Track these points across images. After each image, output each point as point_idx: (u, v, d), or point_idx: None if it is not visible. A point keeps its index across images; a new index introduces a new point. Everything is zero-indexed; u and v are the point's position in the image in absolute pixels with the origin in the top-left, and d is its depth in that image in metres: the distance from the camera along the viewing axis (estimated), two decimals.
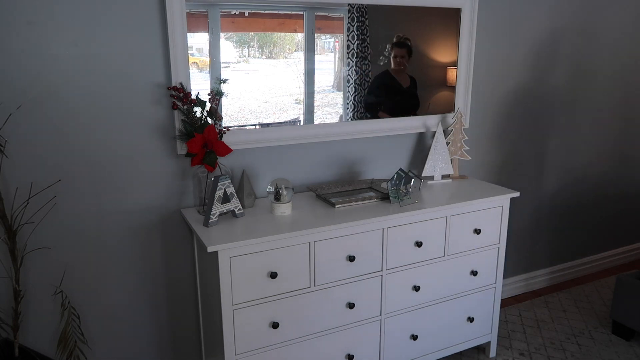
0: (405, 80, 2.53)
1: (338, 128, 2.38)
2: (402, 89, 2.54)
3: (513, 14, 2.74)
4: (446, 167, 2.54)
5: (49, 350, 1.98)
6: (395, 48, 2.46)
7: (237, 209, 2.01)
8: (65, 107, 1.86)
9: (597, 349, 2.69)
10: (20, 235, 1.82)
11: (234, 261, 1.82)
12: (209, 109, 2.01)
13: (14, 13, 1.72)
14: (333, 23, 2.31)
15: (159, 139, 2.03)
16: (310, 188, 2.33)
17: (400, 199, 2.17)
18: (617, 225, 3.61)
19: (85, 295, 2.04)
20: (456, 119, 2.57)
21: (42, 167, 1.87)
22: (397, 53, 2.47)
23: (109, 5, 1.84)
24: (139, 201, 2.06)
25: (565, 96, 3.09)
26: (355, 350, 2.19)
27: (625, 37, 3.22)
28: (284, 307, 1.96)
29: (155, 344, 2.25)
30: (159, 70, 1.97)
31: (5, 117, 1.74)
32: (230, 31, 2.11)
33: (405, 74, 2.51)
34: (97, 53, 1.86)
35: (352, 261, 2.05)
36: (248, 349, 1.93)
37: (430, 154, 2.51)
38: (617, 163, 3.47)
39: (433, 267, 2.27)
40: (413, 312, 2.29)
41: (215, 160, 1.95)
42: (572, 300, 3.17)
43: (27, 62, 1.77)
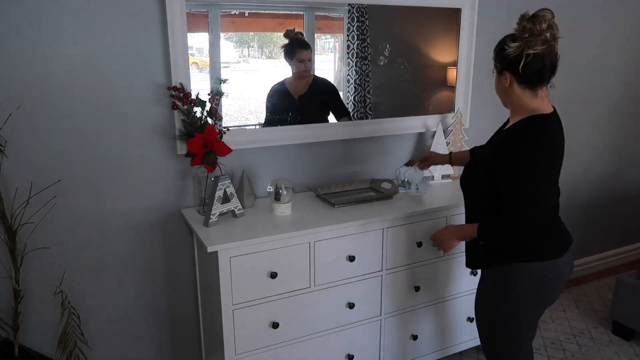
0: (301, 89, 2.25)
1: (338, 128, 2.38)
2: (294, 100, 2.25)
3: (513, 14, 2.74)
4: (446, 167, 2.53)
5: (49, 350, 1.98)
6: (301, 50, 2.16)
7: (237, 209, 2.01)
8: (65, 107, 1.86)
9: (597, 349, 2.69)
10: (20, 235, 1.82)
11: (234, 261, 1.82)
12: (209, 109, 2.01)
13: (14, 13, 1.72)
14: (333, 23, 2.31)
15: (159, 139, 2.03)
16: (310, 188, 2.33)
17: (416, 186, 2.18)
18: (617, 225, 3.60)
19: (85, 295, 2.04)
20: (456, 119, 2.57)
21: (42, 167, 1.87)
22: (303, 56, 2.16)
23: (109, 5, 1.84)
24: (139, 201, 2.06)
25: (565, 96, 3.09)
26: (355, 350, 2.19)
27: (625, 37, 3.21)
28: (284, 307, 1.96)
29: (155, 344, 2.25)
30: (159, 70, 1.97)
31: (5, 117, 1.74)
32: (230, 31, 2.11)
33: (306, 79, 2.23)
34: (97, 53, 1.86)
35: (352, 261, 2.05)
36: (248, 349, 1.93)
37: None
38: (617, 163, 3.47)
39: (433, 267, 2.27)
40: (413, 312, 2.29)
41: (215, 160, 1.95)
42: (572, 300, 3.17)
43: (27, 62, 1.77)
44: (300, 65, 2.18)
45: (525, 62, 1.54)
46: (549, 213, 1.65)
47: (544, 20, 1.53)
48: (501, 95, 1.70)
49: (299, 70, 2.22)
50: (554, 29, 1.56)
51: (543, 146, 1.55)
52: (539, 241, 1.61)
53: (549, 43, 1.55)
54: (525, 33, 1.54)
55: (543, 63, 1.56)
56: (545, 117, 1.60)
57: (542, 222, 1.60)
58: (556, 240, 1.66)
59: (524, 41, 1.53)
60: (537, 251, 1.61)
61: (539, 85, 1.60)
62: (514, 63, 1.56)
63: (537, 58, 1.54)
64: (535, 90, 1.60)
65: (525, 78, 1.58)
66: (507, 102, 1.69)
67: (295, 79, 2.23)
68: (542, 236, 1.61)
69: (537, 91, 1.61)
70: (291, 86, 2.23)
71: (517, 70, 1.56)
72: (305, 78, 2.23)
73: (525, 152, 1.54)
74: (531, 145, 1.54)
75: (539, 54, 1.54)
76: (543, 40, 1.53)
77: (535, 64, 1.55)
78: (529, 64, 1.54)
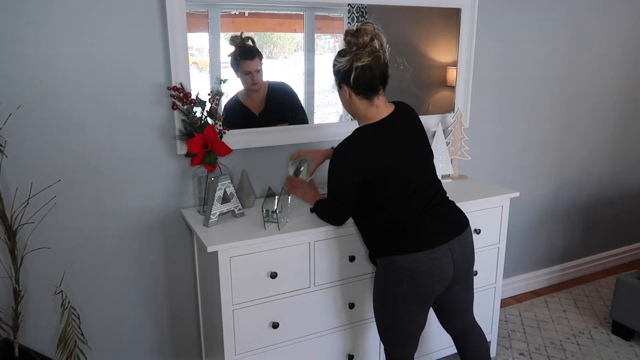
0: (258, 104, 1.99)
1: (338, 128, 2.38)
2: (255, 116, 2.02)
3: (513, 13, 2.74)
4: (446, 167, 2.53)
5: (49, 350, 1.98)
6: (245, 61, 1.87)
7: (237, 209, 2.01)
8: (65, 107, 1.86)
9: (597, 349, 2.69)
10: (20, 235, 1.82)
11: (234, 261, 1.82)
12: (209, 109, 2.01)
13: (14, 13, 1.72)
14: (333, 23, 2.31)
15: (159, 139, 2.03)
16: None
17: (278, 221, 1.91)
18: (617, 225, 3.61)
19: (85, 295, 2.04)
20: (456, 119, 2.57)
21: (42, 167, 1.87)
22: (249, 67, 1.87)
23: (109, 5, 1.84)
24: (139, 201, 2.06)
25: (565, 96, 3.09)
26: (355, 350, 2.19)
27: (625, 37, 3.21)
28: (284, 307, 1.96)
29: (156, 344, 2.25)
30: (159, 70, 1.97)
31: (5, 117, 1.74)
32: (230, 31, 2.11)
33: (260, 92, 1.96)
34: (97, 53, 1.86)
35: (352, 261, 2.05)
36: (248, 349, 1.93)
37: None
38: (617, 163, 3.47)
39: None
40: None
41: (215, 160, 1.95)
42: (572, 300, 3.17)
43: (27, 62, 1.77)
44: (247, 78, 1.90)
45: (355, 74, 1.63)
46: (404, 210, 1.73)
47: (365, 33, 1.61)
48: (346, 107, 1.80)
49: (247, 83, 1.97)
50: (379, 39, 1.64)
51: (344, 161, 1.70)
52: (403, 235, 1.72)
53: (375, 54, 1.63)
54: (352, 47, 1.63)
55: (372, 73, 1.64)
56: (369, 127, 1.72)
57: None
58: (424, 233, 1.72)
59: (352, 54, 1.63)
60: (401, 245, 1.71)
61: (374, 95, 1.69)
62: (347, 76, 1.66)
63: (366, 69, 1.63)
64: (370, 99, 1.70)
65: (359, 89, 1.68)
66: (351, 113, 1.79)
67: (247, 93, 1.99)
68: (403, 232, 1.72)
69: (372, 100, 1.70)
70: (247, 102, 1.97)
71: (350, 82, 1.67)
72: (258, 91, 1.95)
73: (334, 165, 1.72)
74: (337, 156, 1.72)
75: (367, 65, 1.62)
76: (369, 52, 1.62)
77: (365, 75, 1.64)
78: (359, 76, 1.64)
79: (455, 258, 1.75)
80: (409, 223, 1.73)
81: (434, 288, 1.75)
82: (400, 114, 1.77)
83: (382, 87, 1.71)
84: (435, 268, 1.71)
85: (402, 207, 1.73)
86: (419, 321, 1.83)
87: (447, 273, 1.74)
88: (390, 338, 1.87)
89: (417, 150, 1.78)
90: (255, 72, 1.95)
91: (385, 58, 1.67)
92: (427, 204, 1.76)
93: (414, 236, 1.72)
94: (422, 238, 1.72)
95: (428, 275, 1.71)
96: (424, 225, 1.74)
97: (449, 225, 1.77)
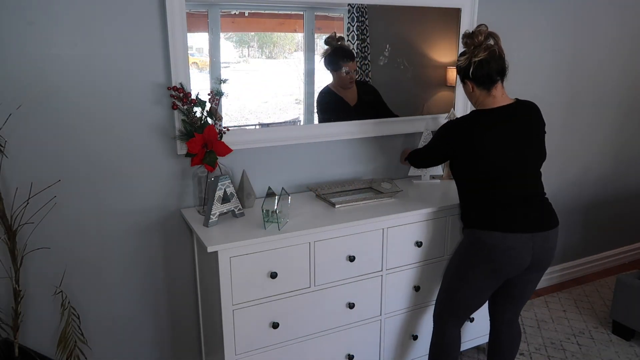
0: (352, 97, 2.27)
1: (338, 128, 2.38)
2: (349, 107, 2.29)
3: (513, 13, 2.74)
4: (435, 167, 2.53)
5: (49, 350, 1.98)
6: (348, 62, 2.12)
7: (237, 209, 2.01)
8: (65, 107, 1.86)
9: (597, 349, 2.69)
10: (20, 235, 1.82)
11: (234, 261, 1.82)
12: (209, 109, 2.01)
13: (14, 13, 1.72)
14: (333, 23, 2.31)
15: (159, 139, 2.03)
16: (310, 188, 2.33)
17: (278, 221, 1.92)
18: (617, 225, 3.60)
19: (85, 295, 2.04)
20: (449, 119, 2.56)
21: (42, 167, 1.87)
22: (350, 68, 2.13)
23: (109, 5, 1.84)
24: (139, 201, 2.06)
25: (566, 96, 3.09)
26: (355, 350, 2.19)
27: (626, 38, 3.21)
28: (284, 307, 1.96)
29: (155, 344, 2.25)
30: (159, 70, 1.97)
31: (5, 117, 1.74)
32: (230, 31, 2.11)
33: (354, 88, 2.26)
34: (97, 53, 1.86)
35: (352, 261, 2.05)
36: (248, 349, 1.93)
37: None
38: (617, 163, 3.47)
39: (433, 267, 2.27)
40: (413, 312, 2.29)
41: (215, 160, 1.95)
42: (572, 300, 3.17)
43: (27, 62, 1.77)
44: (346, 78, 2.14)
45: (474, 68, 1.87)
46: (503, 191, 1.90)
47: (480, 34, 1.87)
48: (470, 99, 2.01)
49: (344, 82, 2.19)
50: (494, 37, 1.89)
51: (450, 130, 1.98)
52: (491, 214, 1.89)
53: (490, 49, 1.87)
54: (470, 47, 1.90)
55: (489, 66, 1.87)
56: (485, 111, 1.92)
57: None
58: (510, 218, 1.87)
59: (470, 52, 1.89)
60: (487, 222, 1.88)
61: (492, 86, 1.90)
62: (467, 71, 1.90)
63: (482, 63, 1.86)
64: (489, 90, 1.91)
65: (479, 81, 1.90)
66: (474, 103, 2.00)
67: (340, 87, 2.24)
68: (496, 211, 1.88)
69: (490, 91, 1.91)
70: (342, 93, 2.24)
71: (470, 76, 1.90)
72: (351, 87, 2.24)
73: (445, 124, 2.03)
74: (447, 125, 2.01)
75: (483, 59, 1.86)
76: (484, 48, 1.87)
77: (483, 68, 1.87)
78: (477, 69, 1.87)
79: (535, 250, 1.87)
80: (500, 205, 1.89)
81: (507, 270, 1.88)
82: (519, 108, 1.94)
83: (500, 79, 1.90)
84: (514, 251, 1.85)
85: (497, 189, 1.89)
86: (481, 297, 1.99)
87: (524, 260, 1.87)
88: (448, 301, 2.04)
89: (524, 142, 1.90)
90: (353, 72, 2.20)
91: (502, 52, 1.89)
92: (522, 194, 1.91)
93: (501, 217, 1.87)
94: (508, 221, 1.86)
95: (505, 257, 1.86)
96: (513, 210, 1.88)
97: (537, 219, 1.90)
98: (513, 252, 1.85)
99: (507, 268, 1.88)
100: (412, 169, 2.54)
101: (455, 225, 2.27)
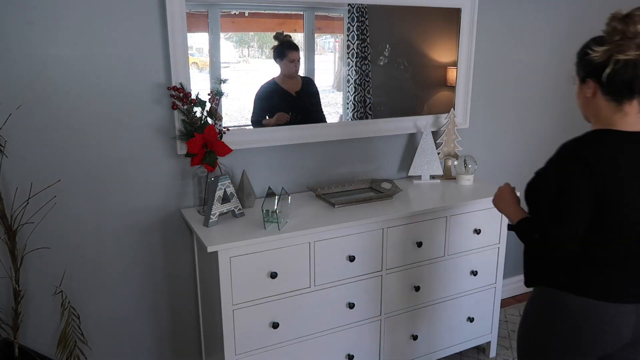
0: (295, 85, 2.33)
1: (338, 128, 2.38)
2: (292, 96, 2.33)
3: (513, 13, 2.74)
4: (435, 167, 2.53)
5: (49, 350, 1.98)
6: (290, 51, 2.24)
7: (237, 209, 2.01)
8: (65, 107, 1.86)
9: None
10: (20, 235, 1.82)
11: (234, 261, 1.82)
12: (209, 109, 2.01)
13: (14, 13, 1.72)
14: (333, 23, 2.31)
15: (159, 139, 2.03)
16: (310, 188, 2.33)
17: (278, 221, 1.91)
18: None
19: (85, 295, 2.04)
20: (449, 119, 2.57)
21: (42, 167, 1.87)
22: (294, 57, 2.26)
23: (108, 5, 1.84)
24: (139, 201, 2.06)
25: (566, 95, 3.09)
26: (355, 350, 2.19)
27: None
28: (284, 307, 1.96)
29: (155, 344, 2.25)
30: (159, 70, 1.97)
31: (5, 117, 1.74)
32: (230, 31, 2.11)
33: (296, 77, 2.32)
34: (97, 53, 1.86)
35: (352, 261, 2.05)
36: (248, 349, 1.93)
37: (417, 154, 2.52)
38: None
39: (433, 267, 2.27)
40: (413, 312, 2.29)
41: (215, 160, 1.95)
42: None
43: (27, 62, 1.77)
44: (291, 66, 2.25)
45: (613, 69, 1.31)
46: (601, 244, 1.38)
47: (638, 21, 1.27)
48: (582, 107, 1.47)
49: (290, 70, 2.27)
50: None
51: (584, 162, 1.33)
52: (591, 274, 1.39)
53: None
54: (616, 35, 1.30)
55: (635, 72, 1.30)
56: (612, 133, 1.37)
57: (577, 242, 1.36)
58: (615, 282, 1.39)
59: (614, 45, 1.30)
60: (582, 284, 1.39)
61: (627, 99, 1.34)
62: (599, 70, 1.34)
63: (628, 65, 1.30)
64: (620, 103, 1.35)
65: (611, 88, 1.34)
66: (589, 115, 1.46)
67: (285, 78, 2.27)
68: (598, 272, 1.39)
69: (622, 105, 1.35)
70: (285, 84, 2.28)
71: (602, 78, 1.34)
72: (295, 77, 2.29)
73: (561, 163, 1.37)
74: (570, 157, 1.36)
75: (631, 60, 1.29)
76: (637, 45, 1.28)
77: (626, 72, 1.30)
78: (617, 72, 1.31)
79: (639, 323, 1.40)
80: (606, 264, 1.39)
81: (596, 346, 1.41)
82: None
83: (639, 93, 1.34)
84: (609, 325, 1.38)
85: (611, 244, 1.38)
86: None
87: (621, 336, 1.40)
88: None
89: None
90: (297, 61, 2.26)
91: None
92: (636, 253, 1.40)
93: (603, 279, 1.39)
94: (610, 285, 1.38)
95: (598, 331, 1.39)
96: (620, 273, 1.39)
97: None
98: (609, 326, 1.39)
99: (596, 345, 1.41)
100: (412, 168, 2.53)
101: (455, 224, 2.27)
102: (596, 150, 1.35)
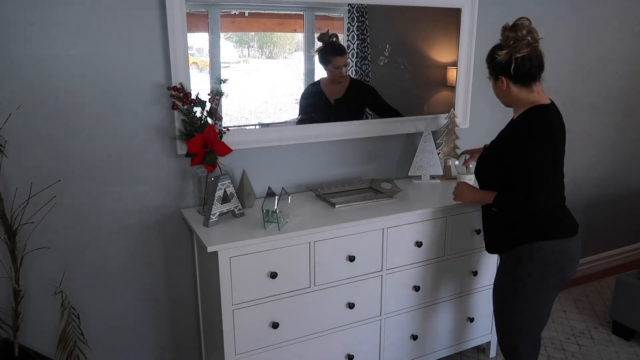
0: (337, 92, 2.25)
1: (338, 128, 2.38)
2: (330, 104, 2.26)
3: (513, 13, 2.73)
4: (435, 167, 2.53)
5: (49, 350, 1.98)
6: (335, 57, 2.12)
7: (237, 209, 2.01)
8: (65, 107, 1.86)
9: (597, 349, 2.69)
10: (20, 235, 1.82)
11: (234, 261, 1.82)
12: (209, 109, 2.01)
13: (14, 13, 1.72)
14: (333, 23, 2.31)
15: (159, 139, 2.03)
16: (310, 188, 2.33)
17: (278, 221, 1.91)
18: (617, 225, 3.60)
19: (85, 295, 2.04)
20: (449, 119, 2.57)
21: (42, 167, 1.87)
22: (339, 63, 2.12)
23: (109, 5, 1.84)
24: (139, 201, 2.06)
25: (565, 96, 3.09)
26: (355, 350, 2.19)
27: (627, 39, 3.21)
28: (284, 307, 1.96)
29: (155, 344, 2.25)
30: (159, 70, 1.97)
31: (5, 117, 1.74)
32: (230, 31, 2.11)
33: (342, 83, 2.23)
34: (97, 53, 1.86)
35: (352, 261, 2.05)
36: (248, 349, 1.93)
37: (417, 154, 2.53)
38: (617, 163, 3.47)
39: (433, 267, 2.27)
40: (413, 312, 2.29)
41: (215, 160, 1.96)
42: (572, 300, 3.17)
43: (27, 62, 1.77)
44: (336, 72, 2.16)
45: (515, 65, 1.74)
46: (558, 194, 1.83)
47: (523, 27, 1.74)
48: (501, 97, 1.90)
49: (335, 76, 2.21)
50: (534, 32, 1.76)
51: (545, 132, 1.74)
52: (551, 221, 1.80)
53: (532, 45, 1.74)
54: (510, 41, 1.75)
55: (531, 63, 1.75)
56: (544, 107, 1.79)
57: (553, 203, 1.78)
58: (567, 221, 1.84)
59: (511, 47, 1.74)
60: (551, 230, 1.80)
61: (532, 82, 1.79)
62: (506, 68, 1.77)
63: (525, 59, 1.74)
64: (530, 86, 1.80)
65: (519, 78, 1.78)
66: (508, 102, 1.89)
67: (330, 82, 2.23)
68: (554, 217, 1.80)
69: (531, 87, 1.80)
70: (327, 88, 2.22)
71: (510, 73, 1.77)
72: (341, 82, 2.22)
73: (532, 136, 1.74)
74: (536, 130, 1.74)
75: (525, 55, 1.74)
76: (526, 44, 1.73)
77: (525, 65, 1.75)
78: (519, 66, 1.75)
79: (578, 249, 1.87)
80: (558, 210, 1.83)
81: (565, 273, 1.84)
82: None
83: (539, 75, 1.80)
84: (573, 255, 1.83)
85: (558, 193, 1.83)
86: (549, 312, 1.91)
87: (578, 260, 1.87)
88: (524, 334, 1.90)
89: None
90: (343, 67, 2.17)
91: (540, 49, 1.78)
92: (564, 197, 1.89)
93: (566, 222, 1.84)
94: (571, 224, 1.85)
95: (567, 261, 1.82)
96: (568, 213, 1.87)
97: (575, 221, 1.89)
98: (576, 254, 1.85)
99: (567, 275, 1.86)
100: (412, 169, 2.54)
101: (455, 224, 2.27)
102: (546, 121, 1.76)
